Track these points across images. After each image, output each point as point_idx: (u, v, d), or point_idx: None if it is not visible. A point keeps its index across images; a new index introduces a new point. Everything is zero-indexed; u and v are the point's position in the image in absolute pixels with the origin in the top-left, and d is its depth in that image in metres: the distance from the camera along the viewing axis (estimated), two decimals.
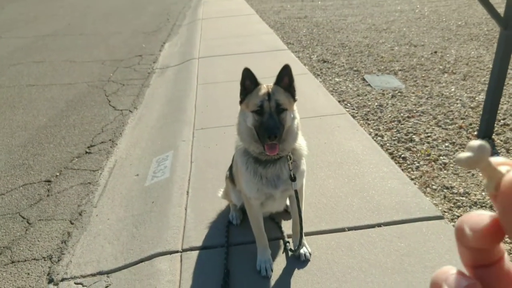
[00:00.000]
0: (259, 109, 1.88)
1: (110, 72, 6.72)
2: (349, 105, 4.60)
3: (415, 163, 3.34)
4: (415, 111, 4.27)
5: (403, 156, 3.45)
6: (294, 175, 1.98)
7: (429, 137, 3.72)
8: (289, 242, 2.37)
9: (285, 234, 2.43)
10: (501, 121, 3.88)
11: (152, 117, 4.76)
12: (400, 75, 5.43)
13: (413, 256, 2.20)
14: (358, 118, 4.21)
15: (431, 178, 3.11)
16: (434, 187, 3.00)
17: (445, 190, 2.95)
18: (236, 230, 2.54)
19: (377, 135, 3.85)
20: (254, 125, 1.90)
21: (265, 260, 2.19)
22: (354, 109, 4.48)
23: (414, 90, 4.87)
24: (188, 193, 2.98)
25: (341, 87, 5.18)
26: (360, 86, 5.13)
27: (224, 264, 2.23)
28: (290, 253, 2.29)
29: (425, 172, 3.19)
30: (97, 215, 3.02)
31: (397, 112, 4.29)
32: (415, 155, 3.45)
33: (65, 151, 4.04)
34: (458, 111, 4.20)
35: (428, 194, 2.92)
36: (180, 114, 4.57)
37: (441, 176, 3.13)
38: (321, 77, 5.57)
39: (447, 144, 3.57)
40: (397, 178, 2.93)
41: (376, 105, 4.51)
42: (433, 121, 4.02)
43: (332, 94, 4.80)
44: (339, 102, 4.58)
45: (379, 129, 3.97)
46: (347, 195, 2.78)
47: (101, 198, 3.22)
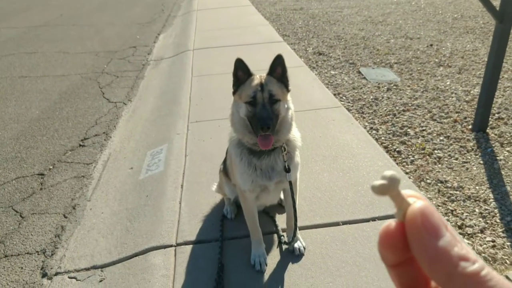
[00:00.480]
0: (252, 100, 1.86)
1: (104, 63, 6.64)
2: (344, 98, 4.59)
3: (410, 157, 3.34)
4: (410, 105, 4.26)
5: (398, 149, 3.46)
6: (288, 166, 1.97)
7: (424, 130, 3.73)
8: (283, 236, 2.37)
9: (279, 228, 2.43)
10: (496, 115, 3.90)
11: (146, 109, 4.72)
12: (396, 68, 5.42)
13: None
14: (354, 112, 4.20)
15: (425, 172, 3.12)
16: (429, 181, 3.01)
17: (439, 184, 2.96)
18: (231, 224, 2.53)
19: (372, 128, 3.85)
20: (247, 116, 1.89)
21: (259, 254, 2.19)
22: (349, 102, 4.47)
23: (409, 83, 4.86)
24: (182, 187, 2.97)
25: (337, 80, 5.16)
26: (356, 79, 5.11)
27: (218, 259, 2.23)
28: (284, 246, 2.30)
29: (419, 166, 3.20)
30: (91, 208, 3.00)
31: (392, 105, 4.29)
32: (410, 149, 3.46)
33: (58, 144, 4.00)
34: (453, 104, 4.20)
35: (423, 188, 2.94)
36: (174, 106, 4.54)
37: (436, 170, 3.14)
38: (316, 70, 5.55)
39: (441, 138, 3.58)
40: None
41: (371, 98, 4.50)
42: (428, 114, 4.03)
43: (327, 87, 4.79)
44: (335, 95, 4.57)
45: (374, 122, 3.96)
46: (341, 189, 2.78)
47: (95, 192, 3.20)
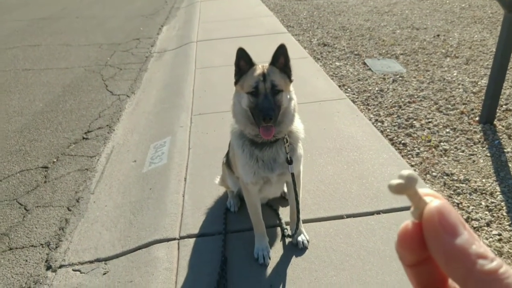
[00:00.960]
0: (254, 91, 1.83)
1: (107, 56, 6.62)
2: (349, 89, 4.53)
3: (415, 149, 3.30)
4: (416, 96, 4.20)
5: (403, 142, 3.41)
6: (290, 158, 1.95)
7: (430, 122, 3.68)
8: (287, 229, 2.35)
9: (283, 221, 2.41)
10: (503, 106, 3.83)
11: (149, 102, 4.70)
12: (402, 59, 5.34)
13: None
14: (358, 103, 4.15)
15: (431, 164, 3.08)
16: (434, 173, 2.97)
17: (445, 177, 2.92)
18: (234, 217, 2.52)
19: (377, 120, 3.80)
20: (249, 106, 1.86)
21: (263, 248, 2.18)
22: (354, 94, 4.42)
23: (415, 74, 4.79)
24: (185, 180, 2.96)
25: (342, 71, 5.10)
26: (361, 71, 5.05)
27: (221, 252, 2.22)
28: (288, 239, 2.28)
29: (425, 159, 3.16)
30: (94, 201, 3.00)
31: (398, 97, 4.23)
32: (415, 141, 3.41)
33: (62, 137, 4.00)
34: (460, 96, 4.13)
35: (428, 181, 2.90)
36: (177, 99, 4.51)
37: (442, 162, 3.10)
38: (321, 61, 5.48)
39: (448, 130, 3.53)
40: (397, 165, 2.90)
41: (376, 90, 4.44)
42: (434, 106, 3.97)
43: (332, 79, 4.73)
44: (339, 86, 4.52)
45: (380, 114, 3.91)
46: (346, 182, 2.76)
47: (98, 185, 3.20)
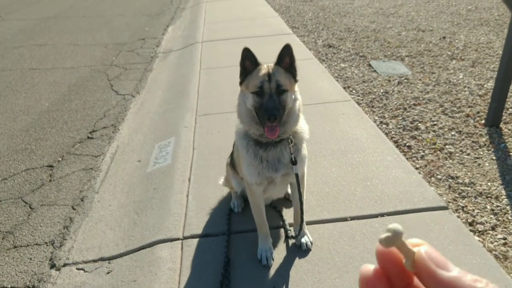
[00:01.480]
0: (259, 90, 1.83)
1: (113, 56, 6.65)
2: (354, 91, 4.52)
3: (420, 152, 3.28)
4: (421, 99, 4.18)
5: (408, 144, 3.40)
6: (295, 158, 1.95)
7: (435, 125, 3.66)
8: (290, 231, 2.35)
9: (286, 223, 2.41)
10: (510, 109, 3.80)
11: (154, 102, 4.72)
12: (407, 61, 5.32)
13: None
14: (363, 105, 4.14)
15: (436, 167, 3.06)
16: (439, 176, 2.96)
17: (450, 180, 2.91)
18: (238, 218, 2.52)
19: (382, 122, 3.79)
20: (254, 106, 1.86)
21: (266, 249, 2.18)
22: (359, 95, 4.40)
23: (421, 76, 4.77)
24: (189, 180, 2.96)
25: (347, 73, 5.09)
26: (366, 72, 5.03)
27: (225, 252, 2.22)
28: (291, 241, 2.28)
29: (430, 162, 3.14)
30: (98, 201, 3.02)
31: (403, 99, 4.21)
32: (420, 144, 3.39)
33: (67, 136, 4.03)
34: (466, 99, 4.11)
35: (433, 184, 2.88)
36: (182, 99, 4.52)
37: (447, 165, 3.08)
38: (326, 63, 5.47)
39: (453, 133, 3.51)
40: (402, 167, 2.89)
41: (381, 92, 4.43)
42: (440, 109, 3.95)
43: (337, 80, 4.72)
44: (344, 88, 4.50)
45: (384, 116, 3.90)
46: (350, 184, 2.75)
47: (103, 184, 3.21)
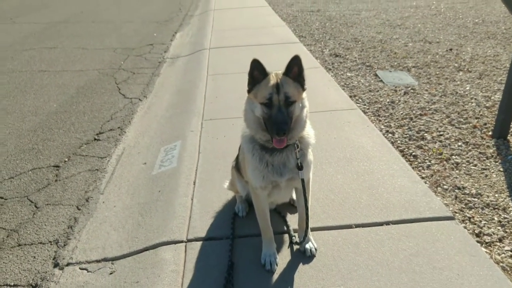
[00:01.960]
0: (267, 102, 1.83)
1: (121, 60, 6.72)
2: (360, 100, 4.53)
3: (426, 161, 3.27)
4: (427, 109, 4.18)
5: (414, 154, 3.39)
6: (301, 163, 1.95)
7: (441, 135, 3.65)
8: (295, 236, 2.34)
9: (291, 228, 2.40)
10: None
11: (161, 106, 4.75)
12: (414, 72, 5.33)
13: (421, 256, 2.16)
14: (369, 114, 4.14)
15: (442, 177, 3.05)
16: (445, 187, 2.94)
17: (456, 190, 2.89)
18: (242, 222, 2.51)
19: (388, 132, 3.78)
20: (262, 116, 1.87)
21: (270, 254, 2.17)
22: (365, 104, 4.41)
23: (427, 87, 4.77)
24: (195, 184, 2.97)
25: (353, 82, 5.10)
26: (372, 82, 5.04)
27: (228, 256, 2.21)
28: (296, 246, 2.27)
29: (436, 171, 3.12)
30: (103, 202, 3.02)
31: (409, 109, 4.21)
32: (426, 154, 3.38)
33: (74, 137, 4.05)
34: (473, 110, 4.10)
35: (439, 193, 2.86)
36: (189, 104, 4.55)
37: (453, 176, 3.06)
38: (332, 72, 5.49)
39: (460, 144, 3.49)
40: (407, 176, 2.87)
41: (388, 101, 4.43)
42: (446, 119, 3.94)
43: (343, 89, 4.73)
44: (351, 97, 4.51)
45: (390, 125, 3.90)
46: (355, 192, 2.74)
47: (108, 185, 3.22)
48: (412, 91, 4.68)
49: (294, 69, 1.88)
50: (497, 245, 2.37)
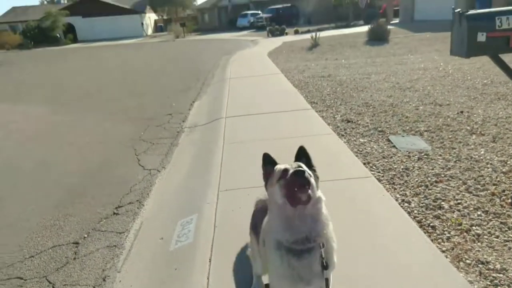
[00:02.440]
0: (283, 174, 1.75)
1: (141, 130, 7.05)
2: (374, 167, 4.56)
3: (446, 233, 3.20)
4: (443, 175, 4.16)
5: (432, 224, 3.32)
6: (326, 262, 1.78)
7: (459, 204, 3.59)
8: None
9: None
10: None
11: (179, 177, 4.88)
12: (426, 136, 5.39)
13: None
14: (384, 182, 4.15)
15: (464, 251, 2.95)
16: (468, 261, 2.84)
17: (480, 265, 2.78)
18: None
19: (403, 201, 3.75)
20: (282, 192, 1.74)
21: None
22: (379, 172, 4.43)
23: (441, 152, 4.79)
24: (210, 261, 2.96)
25: (366, 148, 5.17)
26: (385, 148, 5.11)
27: None
28: None
29: (457, 244, 3.04)
30: (120, 281, 3.03)
31: (424, 176, 4.20)
32: (445, 224, 3.31)
33: (94, 212, 4.16)
34: (489, 176, 4.06)
35: (462, 269, 2.76)
36: (206, 174, 4.67)
37: (475, 248, 2.97)
38: (345, 137, 5.61)
39: (479, 213, 3.42)
40: (427, 250, 2.80)
41: (402, 168, 4.44)
42: (463, 186, 3.90)
43: (356, 156, 4.79)
44: (364, 164, 4.55)
45: (406, 194, 3.87)
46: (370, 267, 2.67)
47: (125, 263, 3.24)
48: (425, 156, 4.70)
49: (302, 160, 1.94)
50: None
